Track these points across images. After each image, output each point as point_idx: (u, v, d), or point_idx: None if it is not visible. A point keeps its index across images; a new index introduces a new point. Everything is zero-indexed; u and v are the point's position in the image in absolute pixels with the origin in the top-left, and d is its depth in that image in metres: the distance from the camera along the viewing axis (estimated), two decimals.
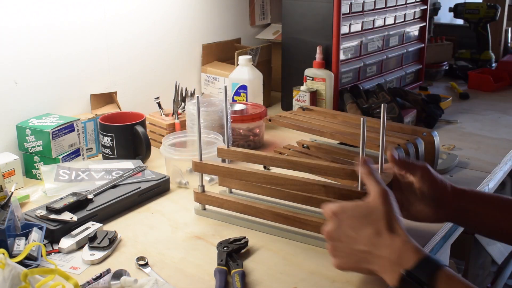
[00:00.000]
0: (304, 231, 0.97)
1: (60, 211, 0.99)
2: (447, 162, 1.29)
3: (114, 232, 0.97)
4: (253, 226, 1.02)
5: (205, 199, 1.07)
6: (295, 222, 0.97)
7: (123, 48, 1.49)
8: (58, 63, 1.34)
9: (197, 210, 1.08)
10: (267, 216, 1.00)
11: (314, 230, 0.95)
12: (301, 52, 1.60)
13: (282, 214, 0.98)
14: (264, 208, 1.00)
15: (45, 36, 1.29)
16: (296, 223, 0.97)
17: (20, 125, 1.24)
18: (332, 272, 0.88)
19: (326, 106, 1.55)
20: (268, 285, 0.85)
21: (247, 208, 1.02)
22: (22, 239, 0.90)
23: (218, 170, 1.05)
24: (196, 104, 1.01)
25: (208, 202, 1.07)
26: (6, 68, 1.23)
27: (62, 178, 1.16)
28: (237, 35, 1.87)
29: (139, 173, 1.18)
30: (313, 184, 0.94)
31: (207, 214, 1.07)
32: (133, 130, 1.29)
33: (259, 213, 1.01)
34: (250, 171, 1.00)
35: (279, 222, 0.99)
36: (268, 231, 1.00)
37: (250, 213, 1.02)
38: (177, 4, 1.62)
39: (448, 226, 1.05)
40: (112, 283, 0.83)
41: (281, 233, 0.99)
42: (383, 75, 1.78)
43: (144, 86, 1.57)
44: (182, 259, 0.92)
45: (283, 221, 0.98)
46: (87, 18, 1.38)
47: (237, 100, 1.56)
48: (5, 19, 1.21)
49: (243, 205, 1.03)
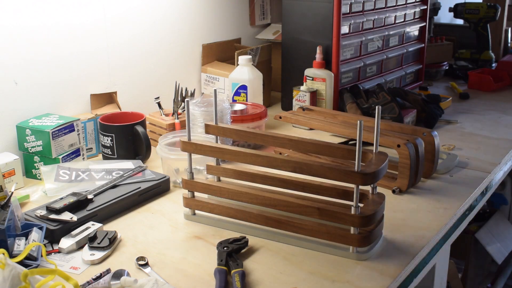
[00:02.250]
0: (298, 235, 0.96)
1: (60, 211, 0.99)
2: (447, 162, 1.29)
3: (114, 232, 0.97)
4: (244, 230, 1.00)
5: (195, 204, 1.05)
6: (288, 226, 0.96)
7: (123, 48, 1.49)
8: (58, 63, 1.34)
9: (186, 215, 1.06)
10: (260, 221, 0.99)
11: (308, 234, 0.95)
12: (301, 52, 1.60)
13: (275, 219, 0.97)
14: (256, 213, 0.99)
15: (45, 36, 1.29)
16: (289, 227, 0.96)
17: (20, 125, 1.24)
18: (332, 272, 0.88)
19: (326, 106, 1.55)
20: (268, 285, 0.85)
21: (239, 213, 1.00)
22: (22, 239, 0.90)
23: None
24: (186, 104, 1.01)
25: (198, 207, 1.04)
26: (6, 68, 1.23)
27: (62, 178, 1.16)
28: (237, 35, 1.87)
29: (139, 173, 1.18)
30: (307, 206, 0.93)
31: (197, 219, 1.05)
32: (133, 130, 1.29)
33: (251, 218, 0.99)
34: (241, 189, 0.99)
35: (272, 227, 0.98)
36: (259, 235, 0.99)
37: (242, 218, 1.01)
38: (177, 4, 1.62)
39: (448, 226, 1.05)
40: (112, 283, 0.83)
41: (275, 237, 0.98)
42: (383, 75, 1.78)
43: (144, 86, 1.56)
44: (182, 259, 0.92)
45: (276, 225, 0.97)
46: (87, 18, 1.38)
47: (237, 100, 1.56)
48: (5, 19, 1.21)
49: (235, 210, 1.01)
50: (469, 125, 1.62)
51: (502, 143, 1.46)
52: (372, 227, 0.92)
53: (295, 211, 0.95)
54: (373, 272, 0.88)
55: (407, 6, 1.82)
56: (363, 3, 1.62)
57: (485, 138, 1.51)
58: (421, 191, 1.17)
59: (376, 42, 1.72)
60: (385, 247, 0.95)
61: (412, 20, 1.88)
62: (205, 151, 1.01)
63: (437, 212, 1.08)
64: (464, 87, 2.06)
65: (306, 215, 0.94)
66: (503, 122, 1.66)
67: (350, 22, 1.58)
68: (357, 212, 0.88)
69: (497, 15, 2.26)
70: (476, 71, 2.13)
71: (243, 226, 1.01)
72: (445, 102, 1.78)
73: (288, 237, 0.97)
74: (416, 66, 1.95)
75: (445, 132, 1.55)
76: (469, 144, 1.45)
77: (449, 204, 1.11)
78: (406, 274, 0.89)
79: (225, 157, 1.01)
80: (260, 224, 0.99)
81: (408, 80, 1.93)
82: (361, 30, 1.64)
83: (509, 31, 2.51)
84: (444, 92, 1.97)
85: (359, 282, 0.85)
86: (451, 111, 1.73)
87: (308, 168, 0.92)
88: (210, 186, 1.02)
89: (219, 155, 1.01)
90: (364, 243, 0.91)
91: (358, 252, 0.92)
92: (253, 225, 1.00)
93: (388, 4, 1.73)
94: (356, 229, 0.90)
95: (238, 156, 0.99)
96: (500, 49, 2.46)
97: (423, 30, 1.94)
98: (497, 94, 1.98)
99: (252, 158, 0.97)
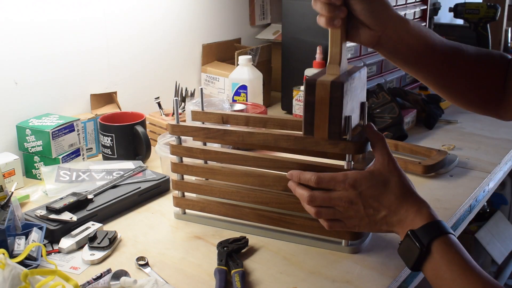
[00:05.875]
0: (291, 231, 0.97)
1: (60, 211, 0.99)
2: (447, 162, 1.29)
3: (114, 232, 0.97)
4: (237, 227, 1.01)
5: (186, 203, 1.04)
6: (280, 222, 0.96)
7: (123, 48, 1.49)
8: (58, 63, 1.34)
9: (176, 215, 1.06)
10: (252, 218, 0.99)
11: (300, 229, 0.95)
12: (301, 52, 1.60)
13: (267, 215, 0.97)
14: (248, 210, 0.99)
15: (45, 36, 1.29)
16: (282, 223, 0.96)
17: (20, 125, 1.24)
18: (332, 272, 0.88)
19: None
20: (268, 285, 0.85)
21: (230, 210, 1.00)
22: (22, 239, 0.90)
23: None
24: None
25: (189, 206, 1.04)
26: (6, 68, 1.23)
27: (63, 179, 1.16)
28: (237, 35, 1.87)
29: (139, 173, 1.18)
30: (299, 203, 0.90)
31: (187, 218, 1.05)
32: (133, 130, 1.29)
33: (243, 215, 0.99)
34: (232, 188, 0.99)
35: (264, 223, 0.98)
36: (252, 231, 0.99)
37: (233, 216, 1.00)
38: (177, 4, 1.62)
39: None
40: (112, 284, 0.83)
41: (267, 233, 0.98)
42: (383, 75, 1.78)
43: (144, 86, 1.56)
44: (182, 259, 0.92)
45: (268, 222, 0.98)
46: (87, 18, 1.38)
47: (237, 100, 1.56)
48: (5, 19, 1.21)
49: (226, 208, 1.01)
50: (469, 125, 1.62)
51: (502, 143, 1.46)
52: None
53: (288, 207, 0.95)
54: (373, 272, 0.88)
55: (407, 6, 1.82)
56: None
57: (485, 138, 1.51)
58: (421, 191, 1.16)
59: None
60: (385, 247, 0.95)
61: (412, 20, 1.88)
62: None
63: (437, 212, 1.06)
64: None
65: (299, 211, 0.94)
66: (503, 122, 1.64)
67: None
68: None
69: (497, 15, 2.26)
70: None
71: (235, 224, 1.01)
72: (445, 102, 1.77)
73: (282, 233, 0.97)
74: None
75: (445, 132, 1.55)
76: (469, 144, 1.45)
77: (449, 204, 1.11)
78: (406, 274, 0.89)
79: (211, 158, 1.00)
80: (252, 221, 0.99)
81: (408, 80, 1.92)
82: None
83: (509, 31, 2.51)
84: None
85: (359, 282, 0.85)
86: (451, 111, 1.73)
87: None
88: (200, 186, 1.02)
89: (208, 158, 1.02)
90: (356, 237, 0.92)
91: (351, 245, 0.93)
92: (246, 222, 1.00)
93: None
94: None
95: (226, 161, 0.98)
96: (500, 49, 2.45)
97: None
98: None
99: (241, 163, 0.97)
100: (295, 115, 1.54)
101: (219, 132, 0.97)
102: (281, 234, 0.97)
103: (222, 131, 0.97)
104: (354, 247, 0.93)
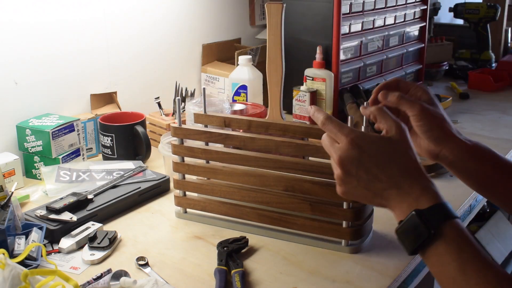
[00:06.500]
0: (291, 230, 0.97)
1: (60, 211, 0.99)
2: None
3: (114, 232, 0.97)
4: (238, 227, 1.01)
5: (187, 203, 1.05)
6: (281, 222, 0.97)
7: (123, 48, 1.49)
8: (58, 63, 1.34)
9: (177, 214, 1.06)
10: (252, 218, 0.99)
11: (301, 229, 0.95)
12: (301, 52, 1.60)
13: (268, 215, 0.98)
14: (249, 209, 0.99)
15: (45, 36, 1.29)
16: (282, 223, 0.97)
17: (20, 125, 1.24)
18: (332, 272, 0.88)
19: (326, 106, 1.54)
20: (268, 285, 0.85)
21: (231, 210, 1.01)
22: (22, 239, 0.90)
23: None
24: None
25: (190, 206, 1.05)
26: (6, 68, 1.23)
27: (63, 179, 1.16)
28: (237, 35, 1.87)
29: (139, 173, 1.18)
30: (299, 203, 0.92)
31: (188, 217, 1.05)
32: (133, 130, 1.29)
33: (244, 215, 1.00)
34: (233, 187, 0.99)
35: (265, 223, 0.98)
36: (252, 231, 0.99)
37: (234, 215, 1.01)
38: (177, 4, 1.62)
39: None
40: (112, 284, 0.83)
41: (267, 233, 0.99)
42: (383, 75, 1.78)
43: (144, 86, 1.56)
44: (182, 259, 0.92)
45: (269, 222, 0.98)
46: (87, 18, 1.38)
47: (237, 100, 1.56)
48: (4, 19, 1.21)
49: (227, 207, 1.01)
50: (469, 125, 1.62)
51: (502, 143, 1.46)
52: (363, 220, 0.93)
53: (288, 207, 0.95)
54: (373, 272, 0.88)
55: (407, 6, 1.82)
56: (363, 3, 1.62)
57: (485, 138, 1.51)
58: None
59: (376, 42, 1.72)
60: (385, 247, 0.95)
61: (412, 20, 1.88)
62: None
63: None
64: (464, 87, 2.06)
65: (299, 211, 0.94)
66: (503, 122, 1.66)
67: (350, 22, 1.58)
68: (349, 206, 0.90)
69: (497, 15, 2.26)
70: (476, 71, 2.13)
71: (236, 223, 1.01)
72: (445, 102, 1.78)
73: (282, 233, 0.97)
74: (416, 66, 1.94)
75: None
76: None
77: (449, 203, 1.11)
78: (406, 274, 0.89)
79: (212, 158, 1.01)
80: (253, 221, 0.99)
81: (408, 80, 1.92)
82: (361, 30, 1.64)
83: (509, 31, 2.51)
84: (444, 92, 1.97)
85: (359, 282, 0.85)
86: (451, 111, 1.73)
87: (299, 187, 0.93)
88: (201, 186, 1.03)
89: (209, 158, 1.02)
90: (356, 237, 0.93)
91: (351, 245, 0.93)
92: (246, 221, 1.00)
93: (388, 4, 1.73)
94: (348, 223, 0.92)
95: (227, 160, 0.99)
96: (500, 49, 2.45)
97: (423, 30, 1.94)
98: (497, 94, 1.98)
99: (242, 168, 0.97)
100: (295, 115, 1.54)
101: (221, 137, 0.98)
102: (281, 233, 0.98)
103: (224, 135, 0.98)
104: (354, 247, 0.93)
